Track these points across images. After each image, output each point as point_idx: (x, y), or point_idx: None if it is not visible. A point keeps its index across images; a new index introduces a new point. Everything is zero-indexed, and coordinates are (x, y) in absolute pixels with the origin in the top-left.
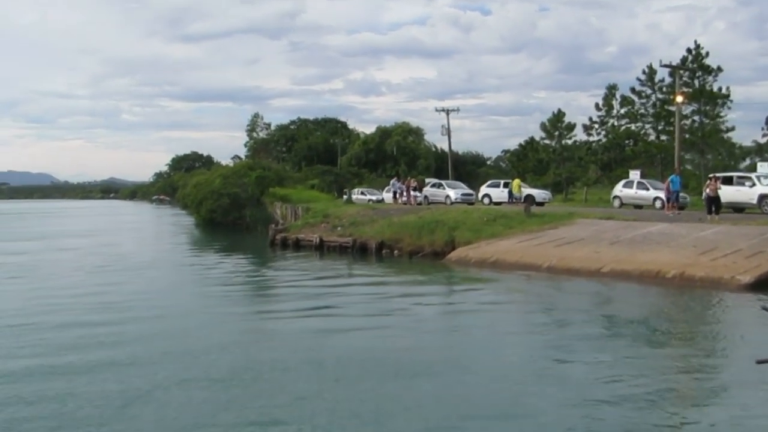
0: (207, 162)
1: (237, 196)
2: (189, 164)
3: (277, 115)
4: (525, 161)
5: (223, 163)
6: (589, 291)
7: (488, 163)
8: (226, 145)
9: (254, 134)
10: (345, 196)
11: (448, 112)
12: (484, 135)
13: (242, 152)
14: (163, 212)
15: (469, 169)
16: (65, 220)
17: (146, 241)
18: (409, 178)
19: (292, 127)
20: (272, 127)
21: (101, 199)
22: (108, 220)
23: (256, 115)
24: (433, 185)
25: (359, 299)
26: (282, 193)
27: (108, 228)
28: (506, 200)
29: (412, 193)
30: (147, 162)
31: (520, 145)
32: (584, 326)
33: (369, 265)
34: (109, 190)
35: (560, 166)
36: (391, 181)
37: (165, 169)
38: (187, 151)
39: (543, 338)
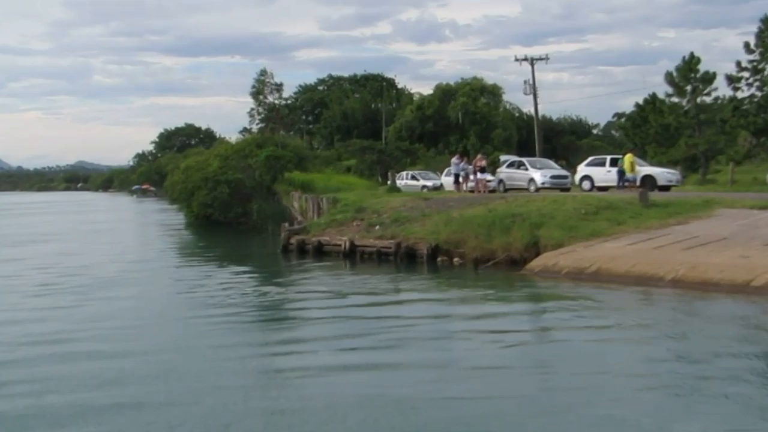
0: (207, 138)
1: (240, 184)
2: (182, 141)
3: (302, 73)
4: (644, 128)
5: (230, 139)
6: (736, 315)
7: (594, 132)
8: (233, 114)
9: (261, 98)
10: (389, 182)
11: (533, 62)
12: (587, 93)
13: (249, 123)
14: (146, 207)
15: (566, 141)
16: (13, 221)
17: (117, 248)
18: (478, 155)
19: (320, 88)
20: (289, 89)
21: (66, 191)
22: (71, 220)
23: (263, 72)
24: (511, 165)
25: (407, 333)
26: (302, 179)
27: (69, 231)
28: (614, 184)
29: (480, 176)
30: (126, 139)
31: (638, 105)
32: (739, 379)
33: (419, 278)
34: (75, 178)
35: (695, 133)
36: (453, 160)
37: (150, 148)
38: (180, 124)
39: (677, 401)
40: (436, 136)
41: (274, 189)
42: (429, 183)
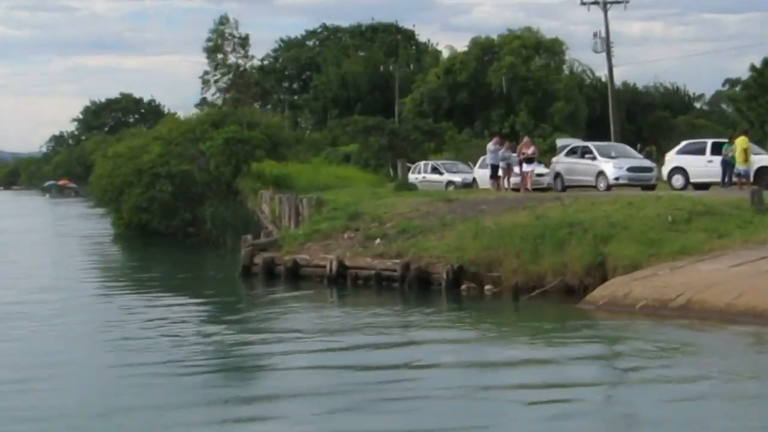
0: (151, 113)
1: (188, 178)
2: (116, 118)
3: (286, 22)
4: (764, 100)
5: (181, 115)
6: None
7: (697, 106)
8: (190, 81)
9: (219, 58)
10: (398, 175)
11: (607, 5)
12: (687, 50)
13: (203, 91)
14: (63, 211)
15: (655, 118)
16: None
17: (13, 271)
18: (524, 139)
19: (310, 43)
20: (267, 45)
21: None
22: None
23: (223, 21)
24: (573, 152)
25: (417, 390)
26: (276, 173)
27: None
28: (718, 179)
29: (527, 167)
30: (39, 116)
31: (755, 69)
32: None
33: (434, 313)
34: None
35: None
36: (489, 146)
37: (72, 128)
38: (114, 94)
39: None
40: (472, 111)
41: (237, 186)
42: (457, 178)
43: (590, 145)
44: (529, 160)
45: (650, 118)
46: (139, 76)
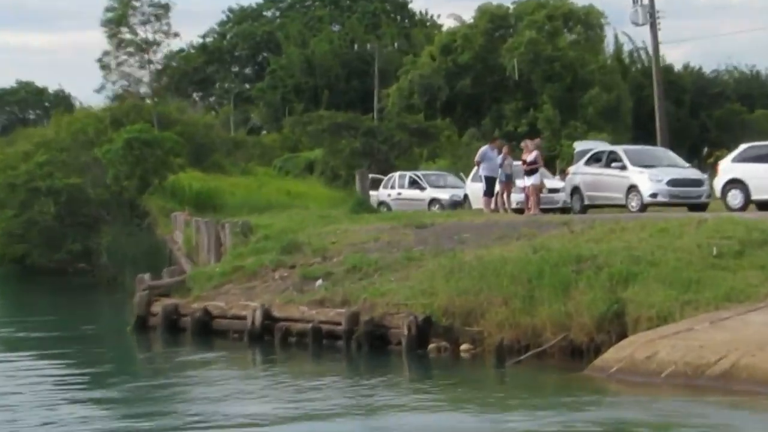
0: (60, 105)
1: (78, 196)
2: (10, 115)
3: None
4: None
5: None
6: None
7: None
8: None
9: (122, 35)
10: (358, 190)
11: None
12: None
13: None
14: None
15: (726, 112)
16: None
17: None
18: (524, 142)
19: (267, 14)
20: (209, 16)
21: None
22: None
23: None
24: (595, 159)
25: None
26: (197, 189)
27: None
28: None
29: (530, 181)
30: None
31: None
32: None
33: (391, 386)
34: None
35: None
36: (482, 151)
37: None
38: (10, 82)
39: None
40: (479, 104)
41: (144, 206)
42: (443, 194)
43: (619, 150)
44: (532, 171)
45: (719, 112)
46: (46, 59)
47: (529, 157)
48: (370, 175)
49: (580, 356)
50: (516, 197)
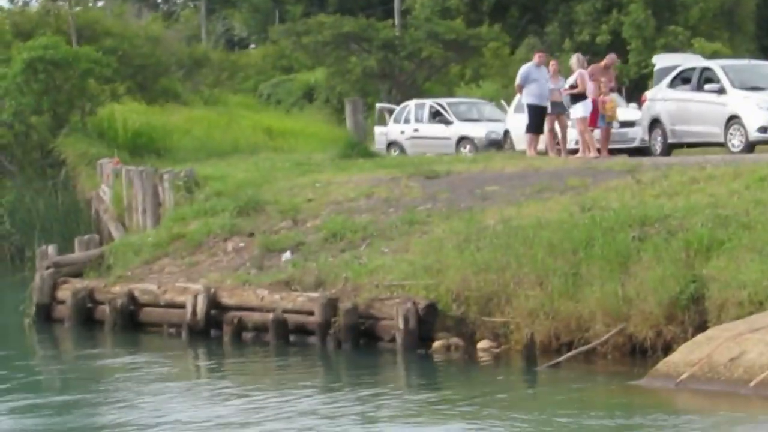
0: None
1: None
2: None
3: None
4: None
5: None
6: None
7: None
8: None
9: None
10: (351, 126)
11: None
12: None
13: None
14: None
15: None
16: None
17: None
18: (573, 57)
19: None
20: None
21: None
22: None
23: None
24: (680, 80)
25: None
26: (134, 129)
27: None
28: None
29: (577, 115)
30: None
31: None
32: None
33: (383, 401)
34: None
35: None
36: (523, 70)
37: None
38: None
39: None
40: (540, 4)
41: (60, 151)
42: (478, 130)
43: (715, 66)
44: (576, 98)
45: None
46: None
47: (570, 79)
48: (379, 105)
49: (643, 356)
50: (575, 134)
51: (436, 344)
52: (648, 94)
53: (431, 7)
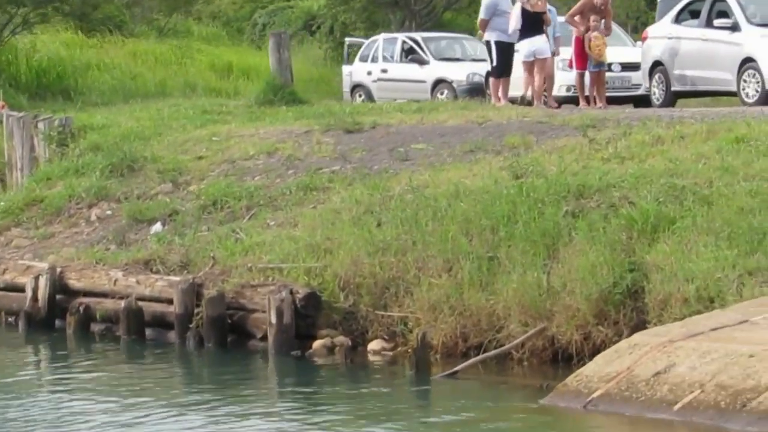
0: None
1: None
2: None
3: None
4: None
5: None
6: None
7: None
8: None
9: None
10: (274, 67)
11: None
12: None
13: None
14: None
15: None
16: None
17: None
18: None
19: None
20: None
21: None
22: None
23: None
24: (688, 13)
25: None
26: (45, 62)
27: None
28: None
29: (594, 39)
30: None
31: None
32: None
33: (239, 420)
34: None
35: None
36: (488, 1)
37: None
38: None
39: None
40: None
41: None
42: (457, 73)
43: None
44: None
45: None
46: None
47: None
48: (349, 39)
49: (568, 364)
50: (565, 78)
51: (317, 344)
52: (649, 30)
53: None
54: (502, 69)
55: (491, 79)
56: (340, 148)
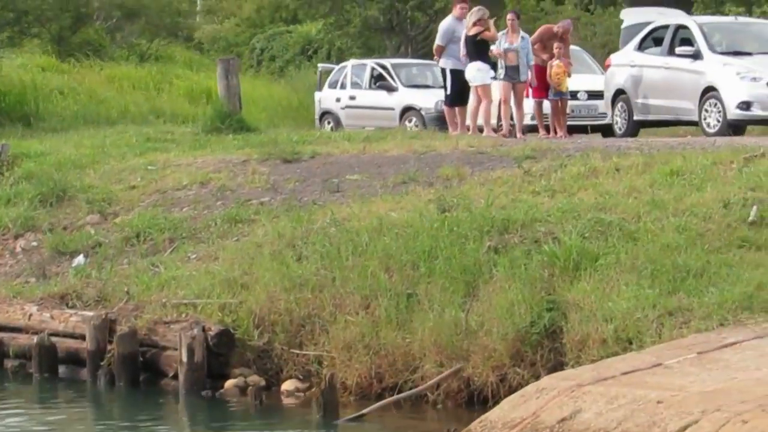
0: None
1: None
2: None
3: None
4: None
5: None
6: None
7: None
8: None
9: None
10: (222, 93)
11: None
12: None
13: None
14: None
15: None
16: None
17: None
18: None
19: None
20: None
21: None
22: None
23: None
24: (651, 40)
25: None
26: (13, 90)
27: None
28: None
29: (554, 66)
30: None
31: None
32: None
33: None
34: None
35: None
36: (445, 25)
37: None
38: None
39: None
40: None
41: None
42: (426, 101)
43: (692, 24)
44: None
45: None
46: None
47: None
48: (321, 66)
49: (484, 407)
50: (526, 107)
51: (229, 384)
52: (612, 57)
53: None
54: (457, 97)
55: (446, 108)
56: (274, 179)
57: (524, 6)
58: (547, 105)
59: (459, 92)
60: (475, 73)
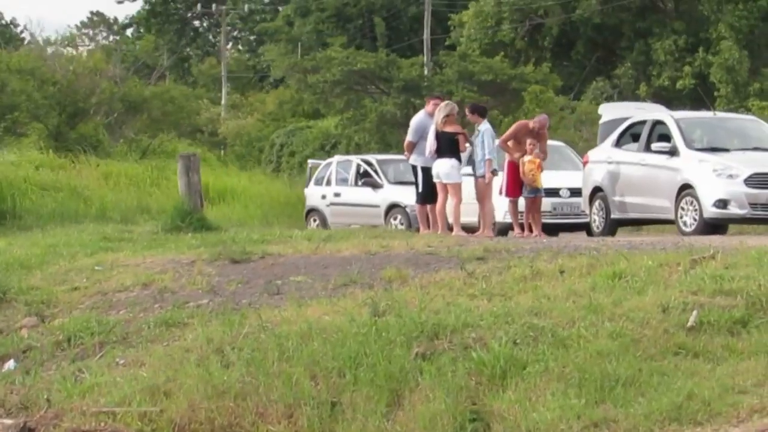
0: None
1: None
2: None
3: None
4: None
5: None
6: None
7: None
8: None
9: None
10: (182, 191)
11: None
12: None
13: None
14: None
15: None
16: None
17: None
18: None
19: None
20: None
21: None
22: None
23: None
24: (629, 136)
25: None
26: None
27: None
28: None
29: (528, 162)
30: None
31: None
32: None
33: None
34: None
35: None
36: (416, 121)
37: None
38: None
39: None
40: (612, 38)
41: None
42: (411, 199)
43: (669, 120)
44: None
45: None
46: None
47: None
48: (311, 161)
49: None
50: (500, 204)
51: None
52: (590, 154)
53: (480, 39)
54: (429, 195)
55: (417, 206)
56: (217, 280)
57: (544, 102)
58: (522, 203)
59: (430, 190)
60: (449, 170)
